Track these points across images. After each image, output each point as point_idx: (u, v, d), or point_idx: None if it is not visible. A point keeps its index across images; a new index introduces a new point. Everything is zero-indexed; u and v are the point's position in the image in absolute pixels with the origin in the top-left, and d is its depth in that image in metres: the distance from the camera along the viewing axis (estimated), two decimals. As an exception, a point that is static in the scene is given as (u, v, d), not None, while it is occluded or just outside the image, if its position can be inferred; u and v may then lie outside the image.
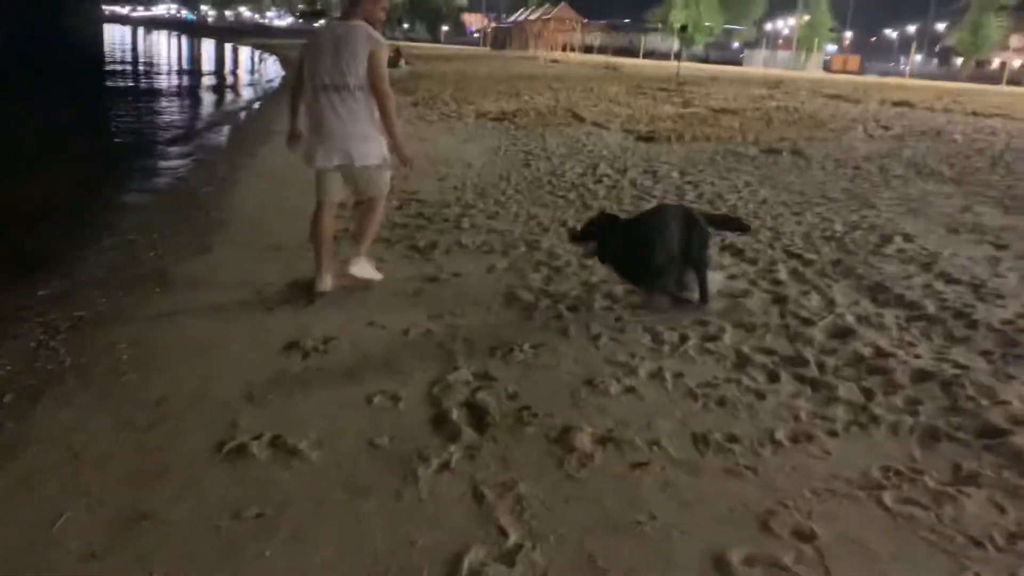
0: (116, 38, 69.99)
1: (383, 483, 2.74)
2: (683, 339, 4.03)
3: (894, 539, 2.46)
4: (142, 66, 35.47)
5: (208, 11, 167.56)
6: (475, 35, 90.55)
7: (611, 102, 17.32)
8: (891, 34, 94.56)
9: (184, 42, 68.80)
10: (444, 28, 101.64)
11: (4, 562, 2.34)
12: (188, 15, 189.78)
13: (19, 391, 3.47)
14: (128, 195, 8.06)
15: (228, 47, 59.72)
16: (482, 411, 3.20)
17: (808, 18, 58.85)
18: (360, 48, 4.35)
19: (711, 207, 6.94)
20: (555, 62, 39.49)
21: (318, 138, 4.51)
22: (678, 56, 41.66)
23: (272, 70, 34.62)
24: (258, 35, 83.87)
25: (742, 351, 3.87)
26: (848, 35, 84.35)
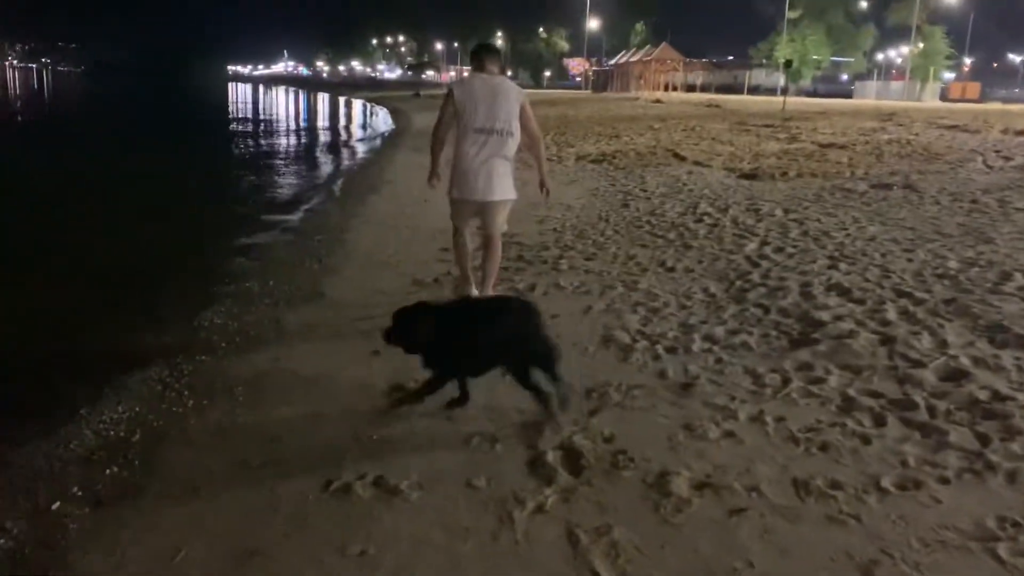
0: (239, 95, 74.45)
1: (480, 524, 2.80)
2: (785, 382, 3.95)
3: (1011, 594, 2.34)
4: (261, 120, 37.62)
5: (323, 66, 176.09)
6: (577, 79, 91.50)
7: (713, 140, 17.14)
8: (1015, 59, 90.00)
9: (300, 97, 72.48)
10: (546, 73, 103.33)
11: (130, 591, 2.52)
12: (304, 71, 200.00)
13: (146, 430, 3.74)
14: (247, 243, 8.52)
15: (342, 100, 62.52)
16: (578, 454, 3.23)
17: (922, 46, 56.70)
18: (513, 99, 5.20)
19: (816, 244, 6.77)
20: (657, 102, 39.41)
21: (468, 173, 5.19)
22: (784, 91, 40.91)
23: (382, 121, 35.99)
24: (370, 88, 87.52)
25: (847, 394, 3.76)
26: (967, 62, 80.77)
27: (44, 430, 3.79)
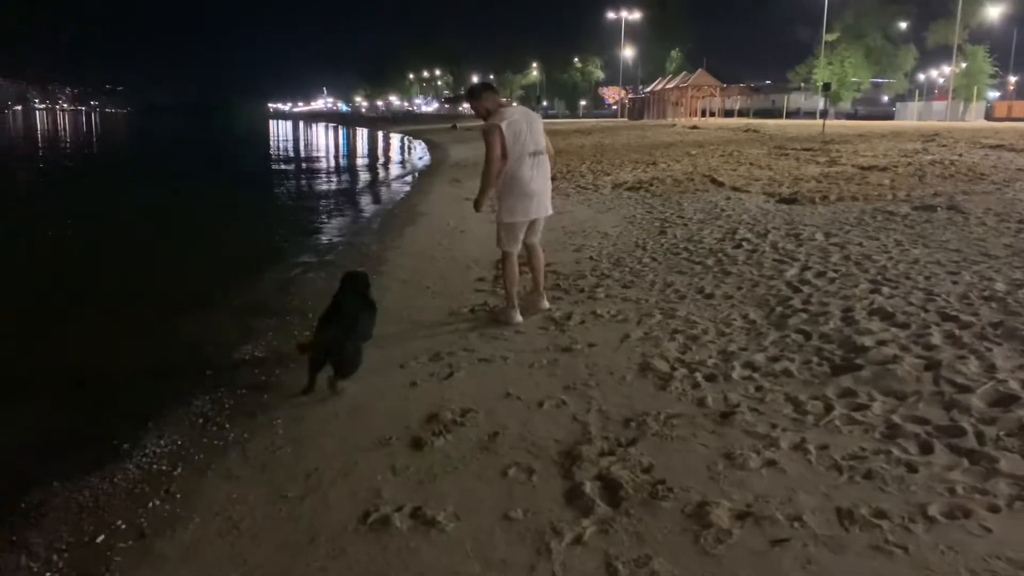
0: (280, 132, 76.03)
1: (517, 556, 2.78)
2: (828, 409, 3.87)
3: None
4: (302, 156, 38.32)
5: (361, 102, 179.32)
6: (613, 107, 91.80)
7: (751, 165, 17.02)
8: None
9: (339, 132, 73.79)
10: (582, 103, 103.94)
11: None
12: (343, 107, 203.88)
13: (188, 464, 3.80)
14: (287, 276, 8.65)
15: (380, 135, 63.51)
16: (616, 484, 3.19)
17: (964, 66, 55.89)
18: (539, 122, 5.75)
19: (858, 268, 6.66)
20: (694, 128, 39.31)
21: (529, 196, 5.59)
22: (823, 114, 40.54)
23: (419, 155, 36.45)
24: (407, 122, 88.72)
25: (892, 420, 3.67)
26: (1012, 80, 79.33)
27: (89, 464, 3.87)
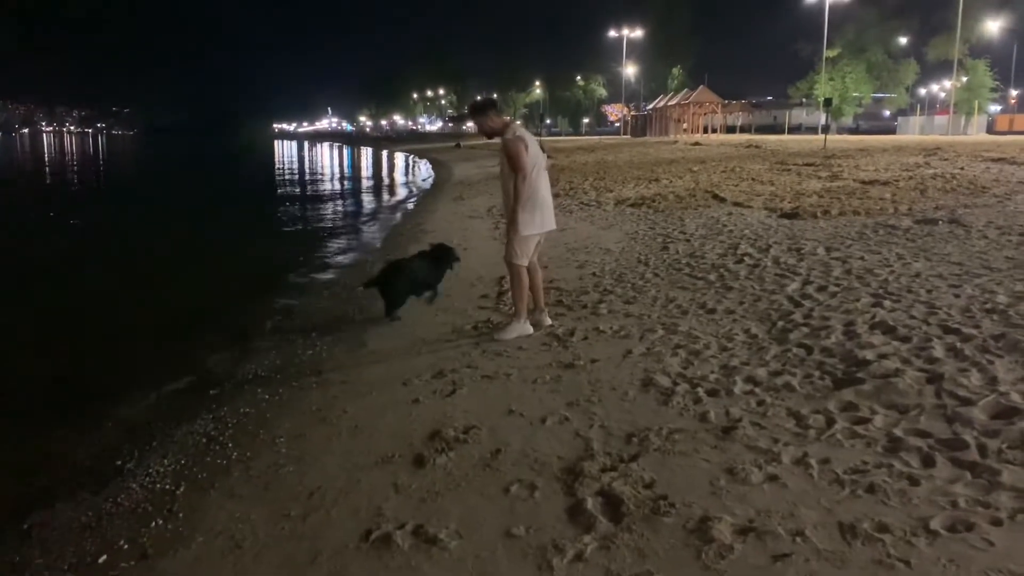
0: (285, 152, 76.40)
1: (519, 574, 2.78)
2: (830, 423, 3.86)
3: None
4: (307, 177, 38.49)
5: (366, 121, 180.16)
6: (616, 125, 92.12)
7: (753, 181, 17.06)
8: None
9: (344, 152, 74.10)
10: (585, 120, 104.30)
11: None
12: (348, 126, 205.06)
13: (191, 483, 3.81)
14: (289, 296, 8.69)
15: (384, 154, 63.77)
16: (618, 500, 3.19)
17: (965, 80, 56.03)
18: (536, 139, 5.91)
19: (860, 282, 6.66)
20: (696, 144, 39.41)
21: (547, 208, 5.78)
22: (825, 129, 40.65)
23: (423, 174, 36.57)
24: (411, 141, 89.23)
25: (894, 434, 3.66)
26: (1013, 94, 79.43)
27: (93, 484, 3.89)
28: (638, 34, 78.83)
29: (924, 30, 60.06)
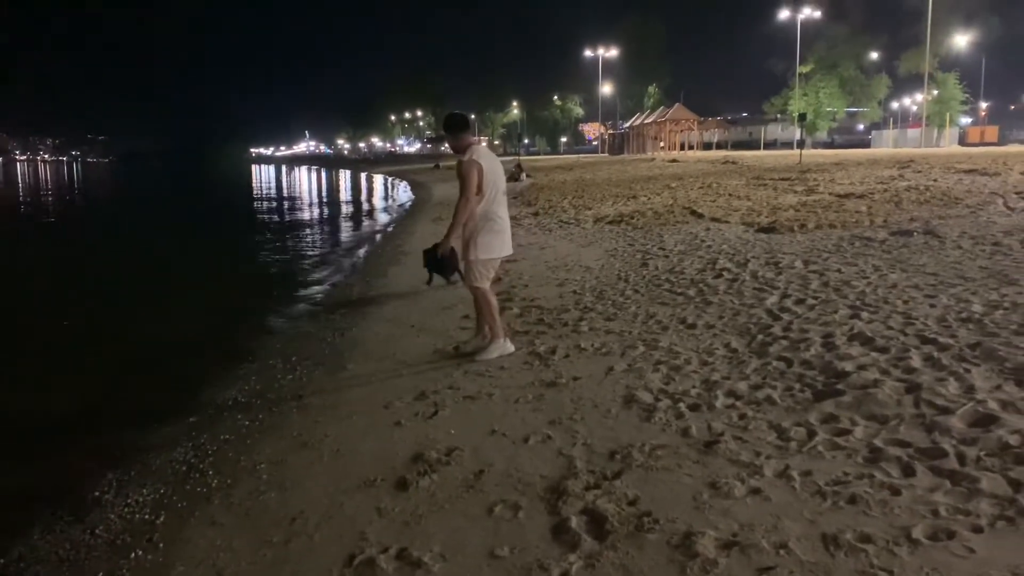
0: (263, 176, 76.21)
1: (504, 594, 2.76)
2: (811, 435, 3.89)
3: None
4: (285, 201, 38.34)
5: (344, 144, 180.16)
6: (594, 143, 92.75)
7: (730, 196, 17.21)
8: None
9: (322, 175, 74.04)
10: (563, 139, 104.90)
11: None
12: (326, 149, 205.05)
13: (171, 512, 3.77)
14: (269, 321, 8.64)
15: (363, 176, 63.75)
16: (602, 518, 3.18)
17: (936, 93, 57.00)
18: (499, 160, 5.87)
19: (837, 295, 6.72)
20: (673, 161, 39.69)
21: (504, 232, 5.73)
22: (800, 144, 41.08)
23: (402, 195, 36.62)
24: (390, 163, 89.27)
25: (874, 444, 3.69)
26: (983, 106, 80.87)
27: (70, 515, 3.83)
28: (613, 54, 79.64)
29: (895, 45, 61.21)
